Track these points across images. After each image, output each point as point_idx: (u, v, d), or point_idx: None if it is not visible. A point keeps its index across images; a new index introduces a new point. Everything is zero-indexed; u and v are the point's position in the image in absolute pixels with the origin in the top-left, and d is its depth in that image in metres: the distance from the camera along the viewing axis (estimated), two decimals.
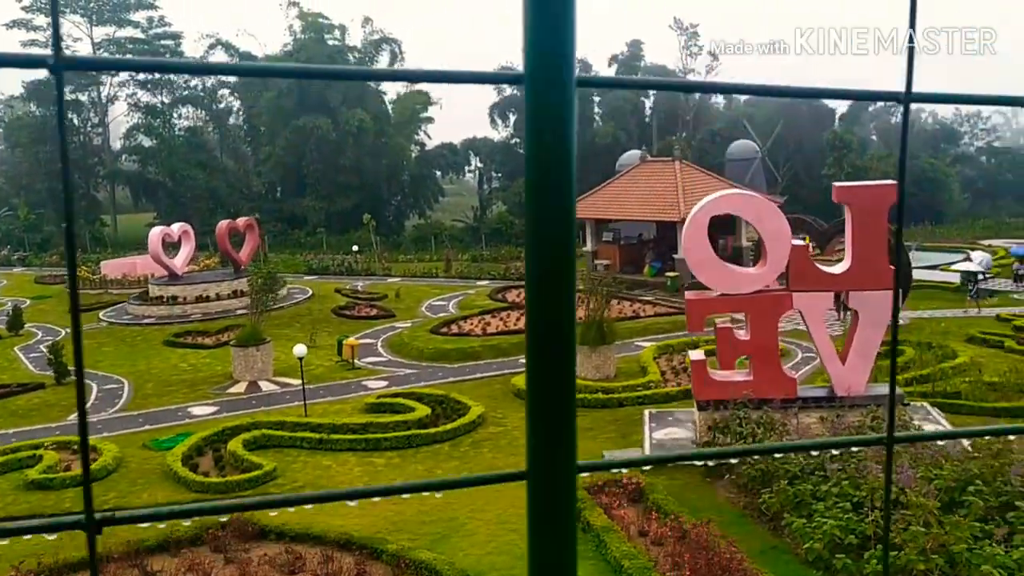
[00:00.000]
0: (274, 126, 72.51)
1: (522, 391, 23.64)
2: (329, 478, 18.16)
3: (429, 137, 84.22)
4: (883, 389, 18.90)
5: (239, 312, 35.90)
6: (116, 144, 76.84)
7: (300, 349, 22.34)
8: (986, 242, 69.46)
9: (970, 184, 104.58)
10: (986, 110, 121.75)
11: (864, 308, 17.68)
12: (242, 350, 26.05)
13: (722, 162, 76.29)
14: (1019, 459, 13.55)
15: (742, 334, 18.35)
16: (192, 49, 79.87)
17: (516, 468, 1.03)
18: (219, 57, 78.58)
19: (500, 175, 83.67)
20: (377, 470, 18.47)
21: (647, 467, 18.07)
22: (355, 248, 55.11)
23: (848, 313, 42.37)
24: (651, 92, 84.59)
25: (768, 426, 16.68)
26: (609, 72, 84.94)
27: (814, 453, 14.73)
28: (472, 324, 33.14)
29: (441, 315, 36.45)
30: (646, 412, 20.81)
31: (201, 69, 1.16)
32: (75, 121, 76.33)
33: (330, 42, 76.08)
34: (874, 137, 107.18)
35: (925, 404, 19.95)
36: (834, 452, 14.39)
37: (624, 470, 16.56)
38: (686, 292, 20.23)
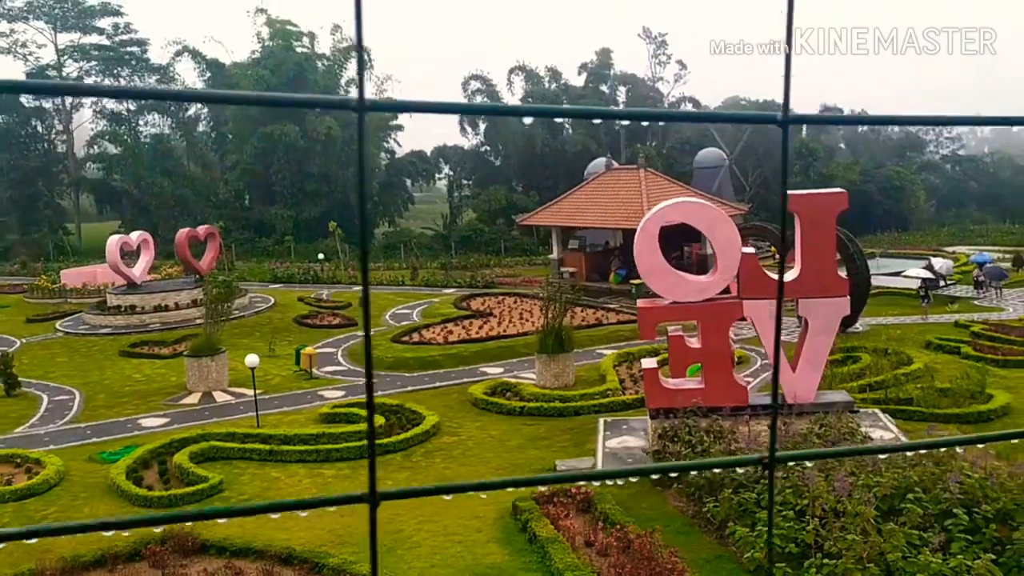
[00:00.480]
0: (242, 133, 72.03)
1: (480, 400, 23.56)
2: (277, 490, 17.91)
3: (399, 145, 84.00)
4: (834, 396, 18.95)
5: (198, 322, 35.37)
6: (80, 151, 75.94)
7: (252, 359, 22.05)
8: (950, 249, 70.24)
9: (936, 192, 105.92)
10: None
11: (813, 316, 17.72)
12: (196, 360, 25.70)
13: (691, 170, 76.68)
14: (959, 466, 13.57)
15: (694, 342, 18.33)
16: (158, 56, 79.28)
17: (468, 478, 1.04)
18: (184, 64, 78.03)
19: (470, 183, 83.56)
20: (326, 481, 18.24)
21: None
22: (321, 256, 54.82)
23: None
24: (620, 99, 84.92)
25: (717, 435, 16.64)
26: (579, 80, 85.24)
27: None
28: (433, 332, 32.96)
29: (404, 323, 36.26)
30: (601, 420, 20.70)
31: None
32: (39, 128, 75.43)
33: (299, 49, 75.70)
34: (843, 145, 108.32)
35: (876, 411, 19.99)
36: None
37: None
38: (638, 300, 20.18)
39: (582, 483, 16.53)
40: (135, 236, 39.18)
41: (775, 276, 17.94)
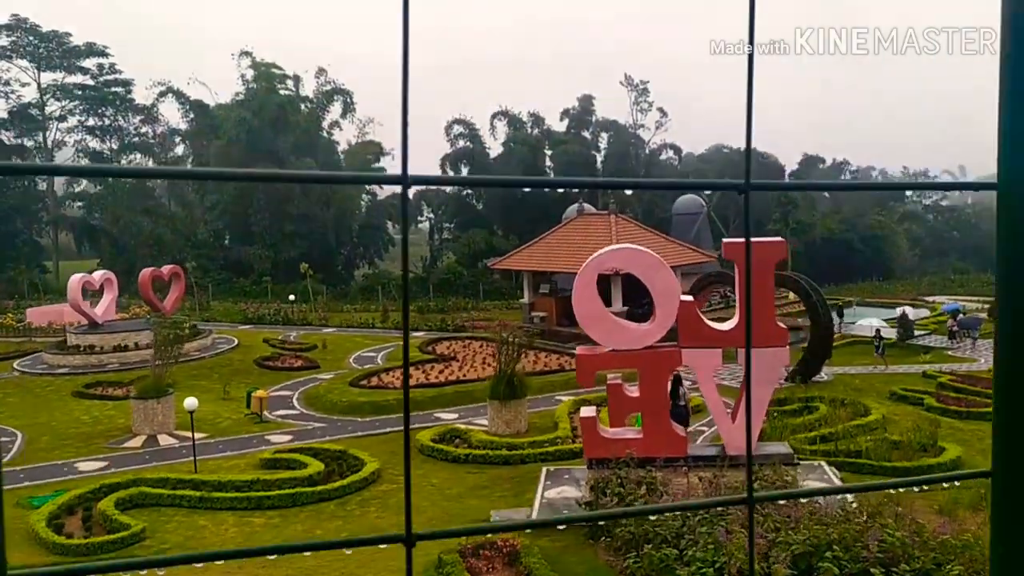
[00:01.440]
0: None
1: (426, 447, 23.12)
2: (200, 540, 17.41)
3: (380, 187, 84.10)
4: (775, 448, 18.62)
5: (159, 363, 35.03)
6: (61, 189, 75.82)
7: (191, 402, 21.61)
8: (930, 298, 70.24)
9: (919, 241, 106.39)
10: (934, 169, 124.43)
11: (753, 365, 17.41)
12: (142, 402, 25.26)
13: (671, 215, 76.89)
14: (884, 522, 13.21)
15: (633, 391, 18.02)
16: (143, 96, 79.45)
17: (400, 529, 1.06)
18: (169, 104, 78.21)
19: (452, 225, 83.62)
20: (253, 531, 17.73)
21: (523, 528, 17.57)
22: (292, 297, 54.42)
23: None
24: (602, 145, 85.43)
25: (649, 486, 16.25)
26: (561, 126, 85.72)
27: (680, 514, 14.31)
28: (393, 376, 32.57)
29: (368, 366, 35.90)
30: (545, 469, 20.28)
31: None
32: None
33: (282, 92, 76.06)
34: (826, 195, 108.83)
35: (822, 463, 19.65)
36: (703, 514, 14.00)
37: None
38: (577, 348, 19.90)
39: (509, 535, 16.11)
40: (98, 275, 38.84)
41: (714, 325, 17.76)
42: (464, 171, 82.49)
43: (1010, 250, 1.33)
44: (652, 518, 14.37)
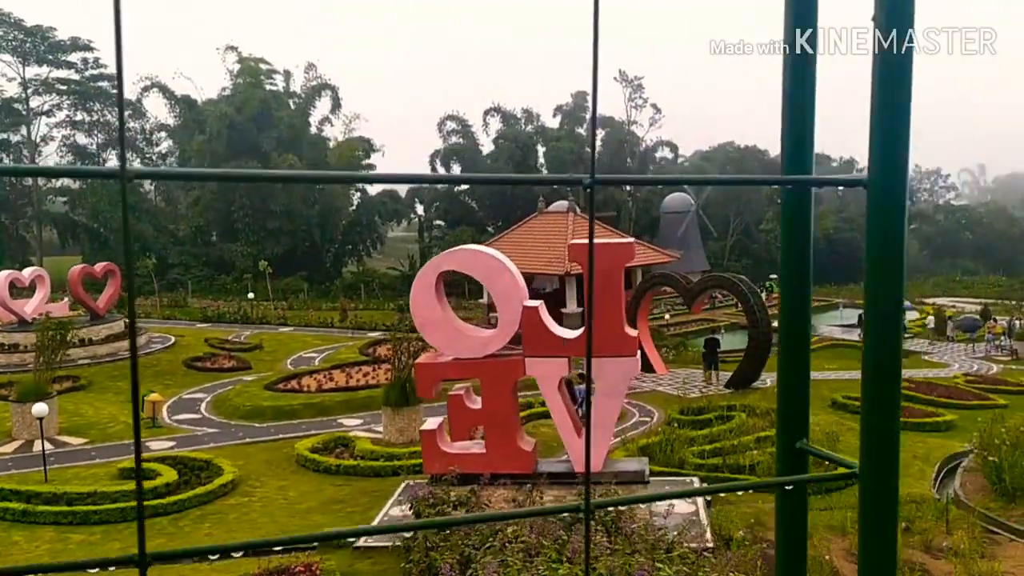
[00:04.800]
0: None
1: (300, 456, 21.86)
2: (8, 556, 16.23)
3: (371, 183, 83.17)
4: (628, 464, 17.17)
5: (81, 362, 34.18)
6: (43, 185, 75.64)
7: (40, 408, 20.52)
8: (931, 300, 68.06)
9: (929, 242, 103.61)
10: (948, 167, 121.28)
11: (600, 377, 15.98)
12: (20, 406, 24.22)
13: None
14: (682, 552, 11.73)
15: (476, 402, 16.66)
16: (129, 91, 79.03)
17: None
18: (155, 99, 77.82)
19: (444, 223, 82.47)
20: (66, 547, 16.55)
21: (357, 546, 16.23)
22: (251, 295, 53.44)
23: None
24: (596, 143, 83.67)
25: (465, 505, 14.84)
26: (554, 122, 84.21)
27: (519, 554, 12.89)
28: (314, 379, 31.36)
29: (301, 367, 34.79)
30: (404, 483, 18.94)
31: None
32: (5, 160, 75.15)
33: (268, 87, 75.29)
34: (840, 192, 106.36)
35: (695, 479, 18.16)
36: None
37: (304, 551, 14.71)
38: (421, 356, 18.55)
39: (313, 561, 14.79)
40: (28, 272, 38.05)
41: (559, 332, 16.32)
42: (456, 168, 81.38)
43: (878, 249, 1.34)
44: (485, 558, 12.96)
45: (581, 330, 16.26)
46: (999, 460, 18.40)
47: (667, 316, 50.47)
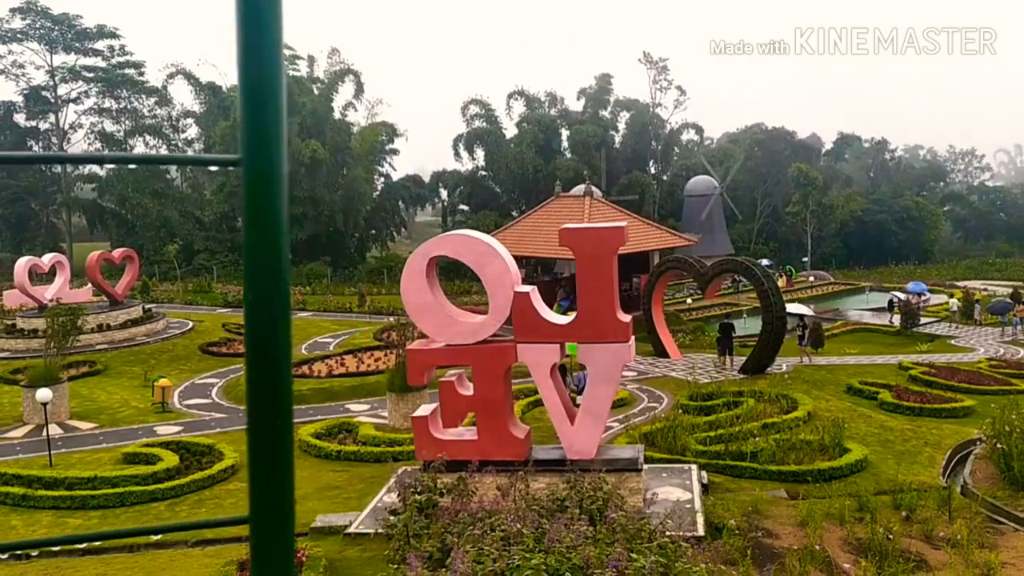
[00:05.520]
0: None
1: (303, 442, 21.88)
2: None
3: (394, 169, 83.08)
4: (622, 452, 16.90)
5: (99, 347, 34.53)
6: (72, 171, 76.57)
7: (44, 393, 20.66)
8: (962, 283, 66.72)
9: (962, 223, 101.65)
10: (983, 147, 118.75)
11: (592, 363, 15.74)
12: (30, 391, 24.46)
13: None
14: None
15: (468, 389, 16.50)
16: (154, 78, 79.72)
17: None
18: (179, 86, 78.23)
19: (468, 207, 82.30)
20: (63, 532, 16.70)
21: (348, 532, 16.15)
22: None
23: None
24: (620, 125, 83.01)
25: (459, 492, 14.71)
26: (578, 105, 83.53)
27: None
28: (325, 364, 31.43)
29: (316, 352, 34.89)
30: (401, 469, 18.87)
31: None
32: (36, 148, 76.10)
33: (291, 72, 75.33)
34: (872, 174, 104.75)
35: (692, 467, 17.87)
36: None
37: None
38: (413, 343, 18.41)
39: (304, 546, 14.76)
40: (47, 259, 38.47)
41: (551, 318, 16.10)
42: (479, 152, 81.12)
43: (256, 233, 1.19)
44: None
45: (573, 316, 15.98)
46: (1008, 448, 17.92)
47: (689, 300, 49.91)
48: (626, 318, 15.74)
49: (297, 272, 66.94)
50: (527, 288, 16.07)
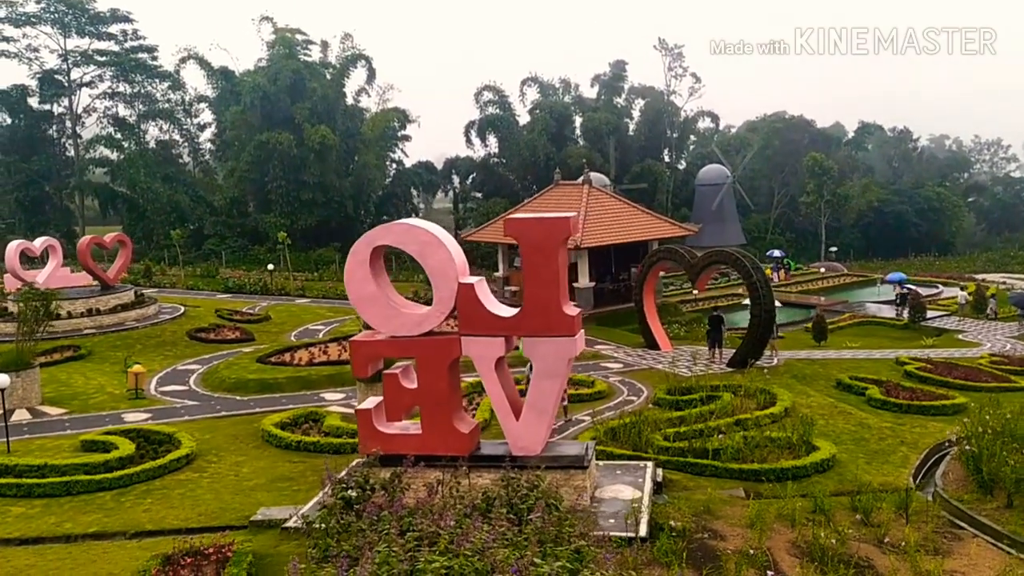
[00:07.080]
0: (241, 141, 71.67)
1: (265, 432, 21.57)
2: None
3: (407, 155, 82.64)
4: (568, 448, 16.40)
5: (86, 331, 34.49)
6: (84, 155, 76.88)
7: (2, 379, 20.47)
8: (981, 276, 65.28)
9: (986, 215, 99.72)
10: (1008, 138, 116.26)
11: (537, 356, 15.23)
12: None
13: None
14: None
15: (412, 382, 16.08)
16: (167, 62, 79.73)
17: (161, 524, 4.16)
18: (192, 71, 78.24)
19: (480, 194, 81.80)
20: (4, 521, 16.46)
21: (286, 527, 15.81)
22: (271, 267, 53.54)
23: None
24: (634, 112, 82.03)
25: (391, 489, 14.28)
26: (592, 92, 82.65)
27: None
28: (308, 352, 31.12)
29: (304, 339, 34.63)
30: (356, 462, 18.48)
31: None
32: (51, 132, 76.56)
33: (304, 57, 75.11)
34: (895, 164, 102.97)
35: (648, 464, 17.34)
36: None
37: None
38: (357, 334, 17.98)
39: (234, 540, 14.42)
40: (39, 242, 38.43)
41: (495, 311, 15.60)
42: (492, 139, 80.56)
43: None
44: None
45: (518, 309, 15.48)
46: (979, 449, 17.23)
47: (695, 292, 49.13)
48: (573, 311, 15.22)
49: (306, 257, 66.85)
50: (473, 279, 15.59)
